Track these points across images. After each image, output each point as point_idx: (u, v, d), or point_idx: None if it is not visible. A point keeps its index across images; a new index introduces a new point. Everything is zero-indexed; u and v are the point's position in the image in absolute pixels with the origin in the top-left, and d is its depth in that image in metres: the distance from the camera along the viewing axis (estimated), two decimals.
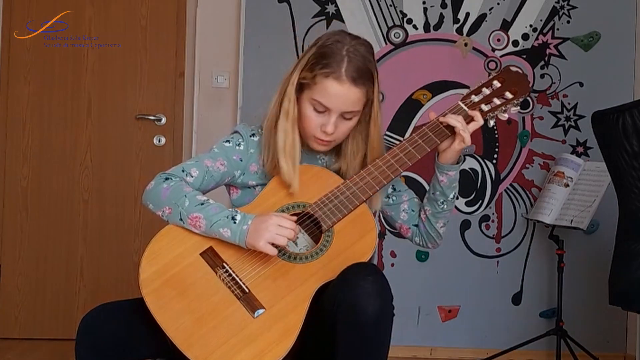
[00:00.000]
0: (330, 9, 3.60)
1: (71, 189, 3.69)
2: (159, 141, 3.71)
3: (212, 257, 1.71)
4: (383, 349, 1.62)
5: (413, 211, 1.94)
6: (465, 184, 3.53)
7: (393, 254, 3.59)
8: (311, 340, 1.69)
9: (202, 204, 1.71)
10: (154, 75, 3.71)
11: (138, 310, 1.67)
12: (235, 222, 1.68)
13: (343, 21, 3.60)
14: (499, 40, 3.62)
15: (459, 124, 1.77)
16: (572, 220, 3.20)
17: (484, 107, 1.82)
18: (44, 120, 3.69)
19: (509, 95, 1.83)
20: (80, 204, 3.69)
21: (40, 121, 3.69)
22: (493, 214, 3.61)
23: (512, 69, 1.91)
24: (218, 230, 1.69)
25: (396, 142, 3.24)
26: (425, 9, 3.62)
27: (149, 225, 3.63)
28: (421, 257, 3.58)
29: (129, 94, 3.71)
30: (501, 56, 3.61)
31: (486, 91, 1.84)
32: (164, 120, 3.72)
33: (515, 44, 3.61)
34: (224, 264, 1.70)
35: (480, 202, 3.61)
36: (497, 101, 1.83)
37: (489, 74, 2.05)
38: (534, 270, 3.60)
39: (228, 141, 1.86)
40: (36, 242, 3.67)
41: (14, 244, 3.67)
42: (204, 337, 1.62)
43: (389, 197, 1.94)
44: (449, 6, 3.62)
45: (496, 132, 3.59)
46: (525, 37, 3.62)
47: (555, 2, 3.61)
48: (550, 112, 3.61)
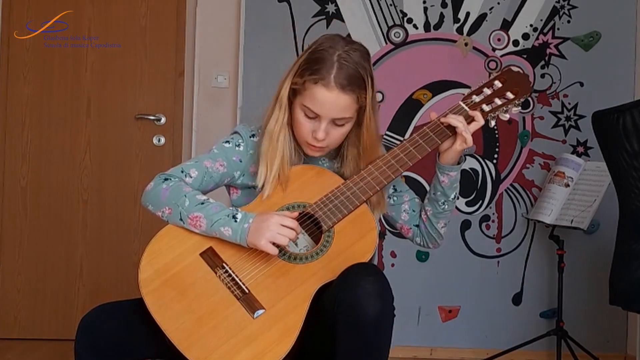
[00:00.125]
0: (331, 8, 3.60)
1: (71, 188, 3.68)
2: (159, 141, 3.71)
3: (211, 257, 1.70)
4: (383, 350, 1.62)
5: (414, 211, 1.94)
6: (465, 184, 3.52)
7: (393, 254, 3.58)
8: (311, 341, 1.68)
9: (202, 203, 1.71)
10: (153, 75, 3.71)
11: (138, 310, 1.67)
12: (236, 221, 1.68)
13: (343, 21, 3.59)
14: (499, 39, 3.62)
15: (460, 125, 1.76)
16: (572, 220, 3.19)
17: (485, 108, 1.82)
18: (43, 120, 3.69)
19: (510, 95, 1.83)
20: (80, 203, 3.69)
21: (40, 121, 3.69)
22: (493, 214, 3.61)
23: (514, 69, 1.91)
24: (219, 229, 1.68)
25: (396, 142, 3.24)
26: (425, 9, 3.61)
27: (148, 225, 3.62)
28: (421, 257, 3.58)
29: (128, 93, 3.71)
30: (501, 56, 3.60)
31: (487, 91, 1.84)
32: (163, 120, 3.71)
33: (516, 43, 3.61)
34: (224, 264, 1.70)
35: (480, 202, 3.61)
36: (498, 101, 1.82)
37: (490, 73, 2.05)
38: (534, 270, 3.59)
39: (228, 142, 1.86)
40: (36, 242, 3.67)
41: (13, 244, 3.67)
42: (204, 338, 1.61)
43: (390, 198, 1.94)
44: (449, 6, 3.61)
45: (496, 132, 3.59)
46: (526, 36, 3.61)
47: (556, 1, 3.60)
48: (550, 112, 3.61)
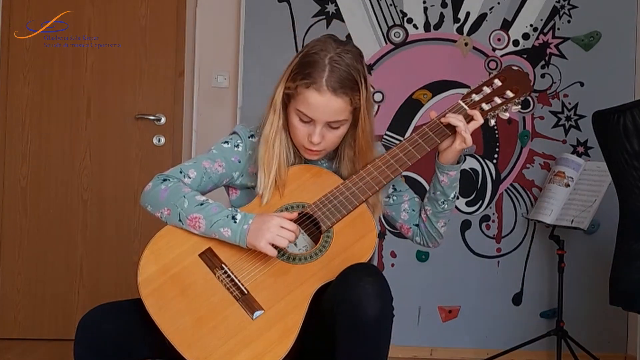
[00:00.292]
0: (330, 8, 3.59)
1: (70, 188, 3.68)
2: (159, 141, 3.70)
3: (211, 258, 1.70)
4: (383, 350, 1.62)
5: (414, 211, 1.94)
6: (465, 184, 3.52)
7: (393, 254, 3.58)
8: (311, 341, 1.68)
9: (202, 204, 1.71)
10: (153, 75, 3.70)
11: (137, 310, 1.66)
12: (235, 222, 1.67)
13: (343, 21, 3.59)
14: (499, 39, 3.61)
15: (460, 124, 1.75)
16: (572, 220, 3.19)
17: (485, 106, 1.81)
18: (43, 120, 3.68)
19: (510, 94, 1.82)
20: (80, 203, 3.68)
21: (40, 121, 3.68)
22: (493, 214, 3.61)
23: (514, 67, 1.90)
24: (218, 230, 1.68)
25: (396, 142, 3.23)
26: (425, 9, 3.61)
27: (148, 225, 3.62)
28: (421, 257, 3.58)
29: (128, 93, 3.70)
30: (501, 56, 3.60)
31: (487, 90, 1.83)
32: (163, 120, 3.71)
33: (516, 43, 3.61)
34: (223, 265, 1.69)
35: (480, 202, 3.60)
36: (498, 100, 1.81)
37: (490, 73, 2.05)
38: (534, 270, 3.59)
39: (227, 142, 1.85)
40: (35, 242, 3.66)
41: (13, 244, 3.66)
42: (203, 338, 1.61)
43: (389, 197, 1.94)
44: (449, 6, 3.61)
45: (496, 131, 3.59)
46: (526, 36, 3.61)
47: (556, 1, 3.60)
48: (550, 111, 3.60)
